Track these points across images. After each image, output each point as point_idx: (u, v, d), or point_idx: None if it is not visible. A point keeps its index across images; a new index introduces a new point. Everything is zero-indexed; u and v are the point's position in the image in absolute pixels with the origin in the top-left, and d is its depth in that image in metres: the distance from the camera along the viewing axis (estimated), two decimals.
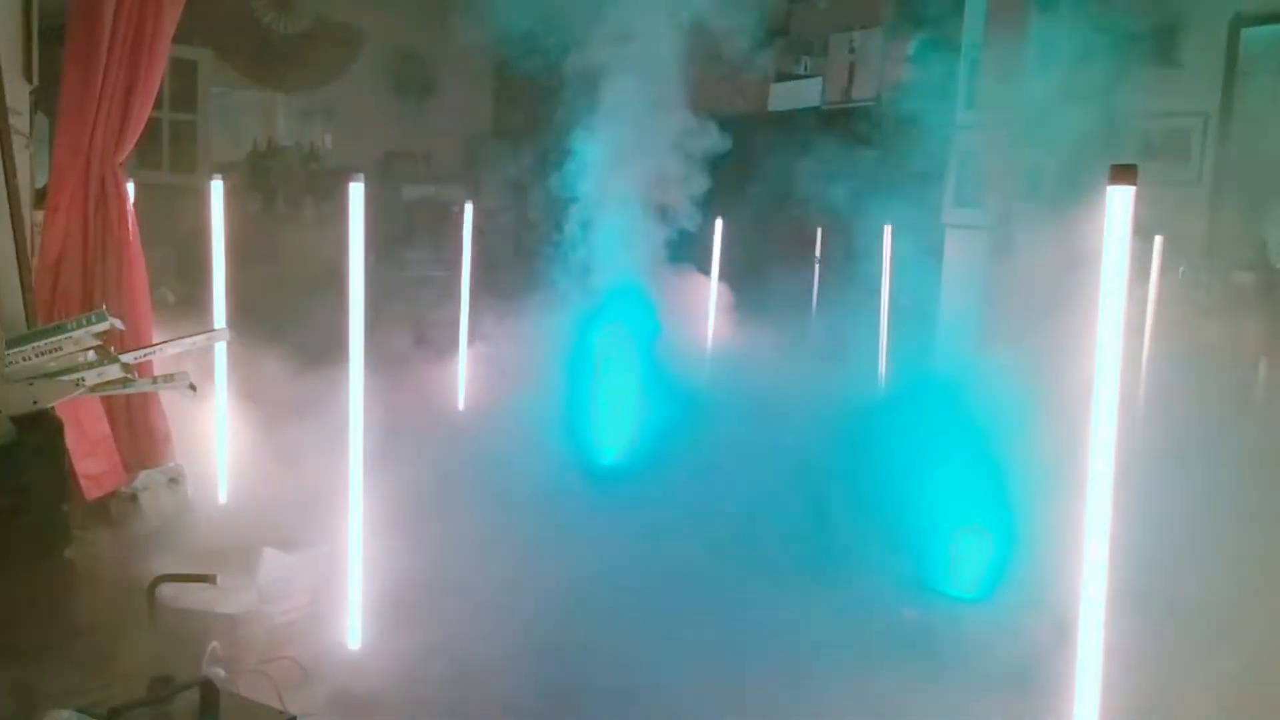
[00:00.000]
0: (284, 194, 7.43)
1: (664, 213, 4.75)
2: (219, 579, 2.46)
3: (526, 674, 2.53)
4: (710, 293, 5.56)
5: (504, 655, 2.59)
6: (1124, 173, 1.30)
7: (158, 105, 6.27)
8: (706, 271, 5.55)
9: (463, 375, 5.11)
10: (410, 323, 5.68)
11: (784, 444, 4.04)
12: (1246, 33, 4.85)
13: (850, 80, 5.97)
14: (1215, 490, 3.41)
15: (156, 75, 3.18)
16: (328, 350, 3.10)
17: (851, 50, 5.95)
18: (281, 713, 1.86)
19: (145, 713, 1.72)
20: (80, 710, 1.72)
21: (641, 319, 4.48)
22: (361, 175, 2.48)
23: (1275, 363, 4.41)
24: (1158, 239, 4.37)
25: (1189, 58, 4.97)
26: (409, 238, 7.59)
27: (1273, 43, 4.83)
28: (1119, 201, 1.32)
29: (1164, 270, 4.46)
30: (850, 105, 5.98)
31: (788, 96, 6.33)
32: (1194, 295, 4.76)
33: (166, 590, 2.46)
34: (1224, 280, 4.84)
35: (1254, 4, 4.78)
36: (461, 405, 5.08)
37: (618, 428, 4.39)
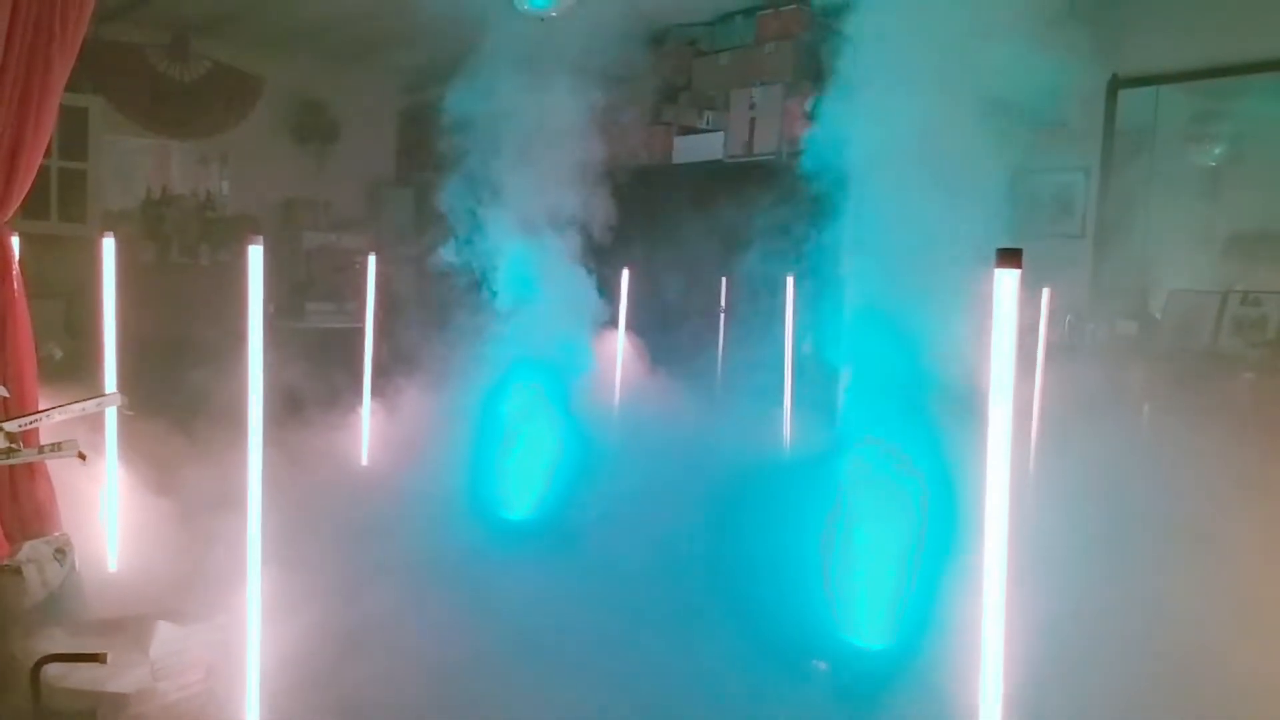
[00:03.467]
0: (179, 243, 7.25)
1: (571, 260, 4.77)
2: (109, 656, 2.36)
3: None
4: (617, 343, 5.57)
5: None
6: (1009, 256, 1.36)
7: (46, 154, 6.08)
8: (613, 321, 5.57)
9: (366, 429, 5.02)
10: (310, 376, 5.57)
11: (692, 497, 4.06)
12: (1124, 93, 5.12)
13: (751, 134, 6.09)
14: (1108, 528, 3.54)
15: (45, 131, 3.08)
16: (223, 407, 3.02)
17: (752, 106, 6.09)
18: None
19: None
20: None
21: (547, 373, 4.48)
22: (261, 237, 2.43)
23: (1158, 408, 4.60)
24: (1045, 290, 4.53)
25: (1072, 117, 5.21)
26: (310, 287, 7.47)
27: (1146, 103, 5.10)
28: (1005, 284, 1.38)
29: (1051, 320, 4.63)
30: (752, 159, 6.10)
31: (691, 149, 6.43)
32: (1081, 344, 4.95)
33: (53, 669, 2.35)
34: (1109, 329, 5.05)
35: (1129, 68, 5.04)
36: (365, 460, 4.99)
37: (525, 483, 4.36)
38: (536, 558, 3.69)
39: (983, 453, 1.54)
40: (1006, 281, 1.37)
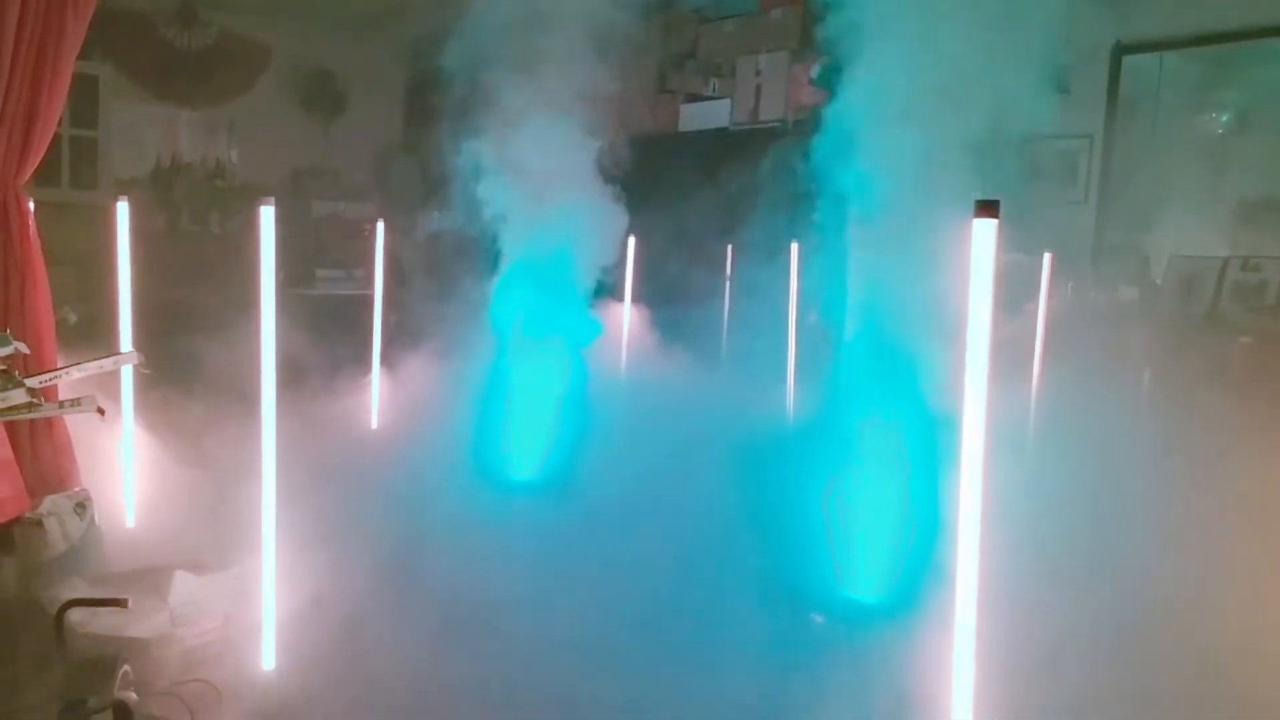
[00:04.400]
0: (189, 211, 7.31)
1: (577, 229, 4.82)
2: (129, 602, 2.44)
3: (441, 694, 2.56)
4: (624, 312, 5.61)
5: (418, 675, 2.62)
6: (987, 207, 1.40)
7: (58, 122, 6.13)
8: (618, 292, 5.60)
9: (376, 394, 5.10)
10: (321, 342, 5.64)
11: (696, 462, 4.10)
12: (1127, 60, 5.13)
13: (757, 101, 6.12)
14: (1106, 491, 3.59)
15: (60, 97, 3.15)
16: (236, 370, 3.09)
17: (758, 73, 6.11)
18: None
19: None
20: None
21: (553, 337, 4.53)
22: (273, 199, 2.50)
23: (1158, 373, 4.64)
24: (1047, 255, 4.57)
25: (1075, 84, 5.23)
26: (319, 255, 7.53)
27: (1150, 69, 5.11)
28: (983, 234, 1.43)
29: (1053, 285, 4.67)
30: (758, 126, 6.12)
31: (697, 117, 6.46)
32: (1082, 310, 5.00)
33: (75, 615, 2.43)
34: (1110, 295, 5.09)
35: (1133, 34, 5.05)
36: (375, 424, 5.07)
37: (531, 445, 4.43)
38: (541, 514, 3.75)
39: (963, 405, 1.59)
40: (983, 232, 1.42)
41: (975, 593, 1.72)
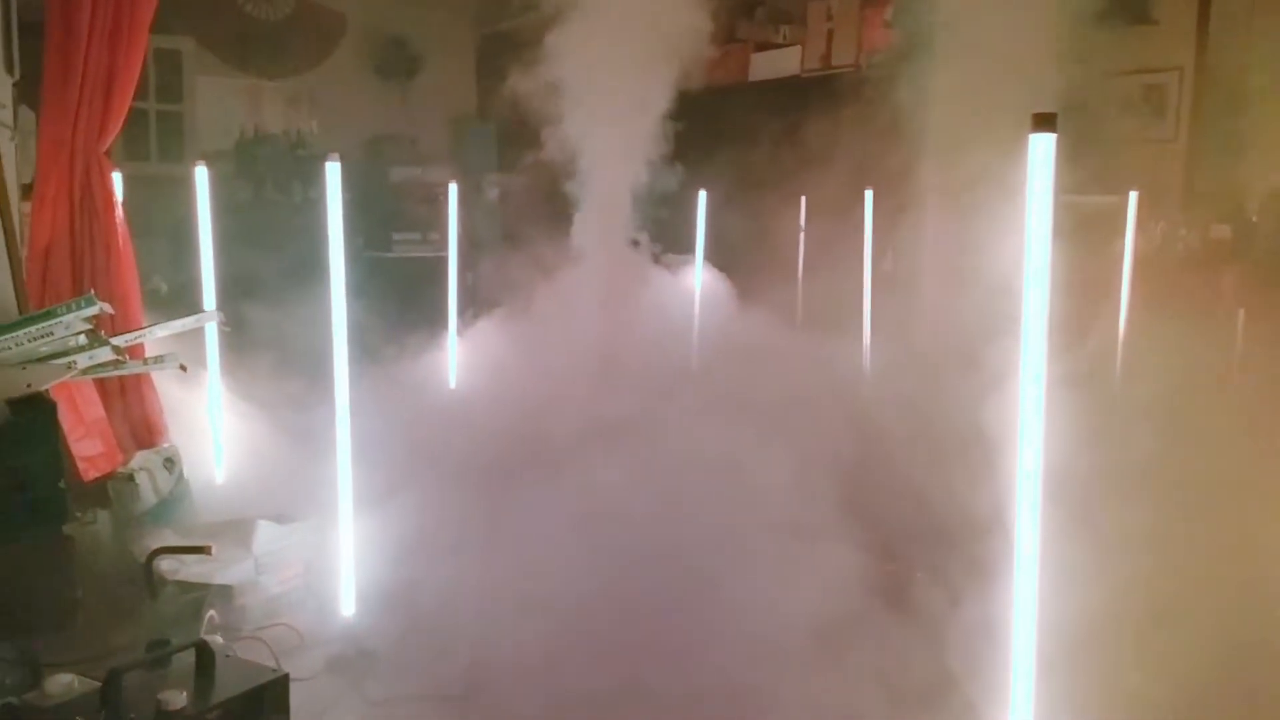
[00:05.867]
0: (273, 181, 7.46)
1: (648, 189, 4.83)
2: (215, 550, 2.53)
3: (513, 637, 2.59)
4: (695, 269, 5.55)
5: (491, 619, 2.66)
6: (1044, 120, 1.34)
7: (143, 96, 6.29)
8: (686, 248, 5.55)
9: (453, 354, 5.16)
10: (398, 304, 5.72)
11: (767, 417, 4.05)
12: None
13: (829, 47, 6.00)
14: (1198, 434, 3.46)
15: (136, 63, 3.23)
16: (318, 333, 3.16)
17: (829, 18, 5.98)
18: (275, 671, 1.92)
19: (143, 673, 1.79)
20: (81, 674, 1.79)
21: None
22: (337, 155, 2.54)
23: (1252, 314, 4.47)
24: (1133, 194, 4.42)
25: (1163, 14, 5.02)
26: (396, 220, 7.64)
27: None
28: (1041, 149, 1.36)
29: (1141, 225, 4.51)
30: (830, 72, 6.01)
31: (768, 66, 6.36)
32: (1172, 249, 4.82)
33: (164, 563, 2.53)
34: (1202, 234, 4.90)
35: None
36: (453, 384, 5.14)
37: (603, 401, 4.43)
38: (619, 470, 3.74)
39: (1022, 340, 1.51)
40: (1041, 146, 1.36)
41: (1035, 556, 1.65)
